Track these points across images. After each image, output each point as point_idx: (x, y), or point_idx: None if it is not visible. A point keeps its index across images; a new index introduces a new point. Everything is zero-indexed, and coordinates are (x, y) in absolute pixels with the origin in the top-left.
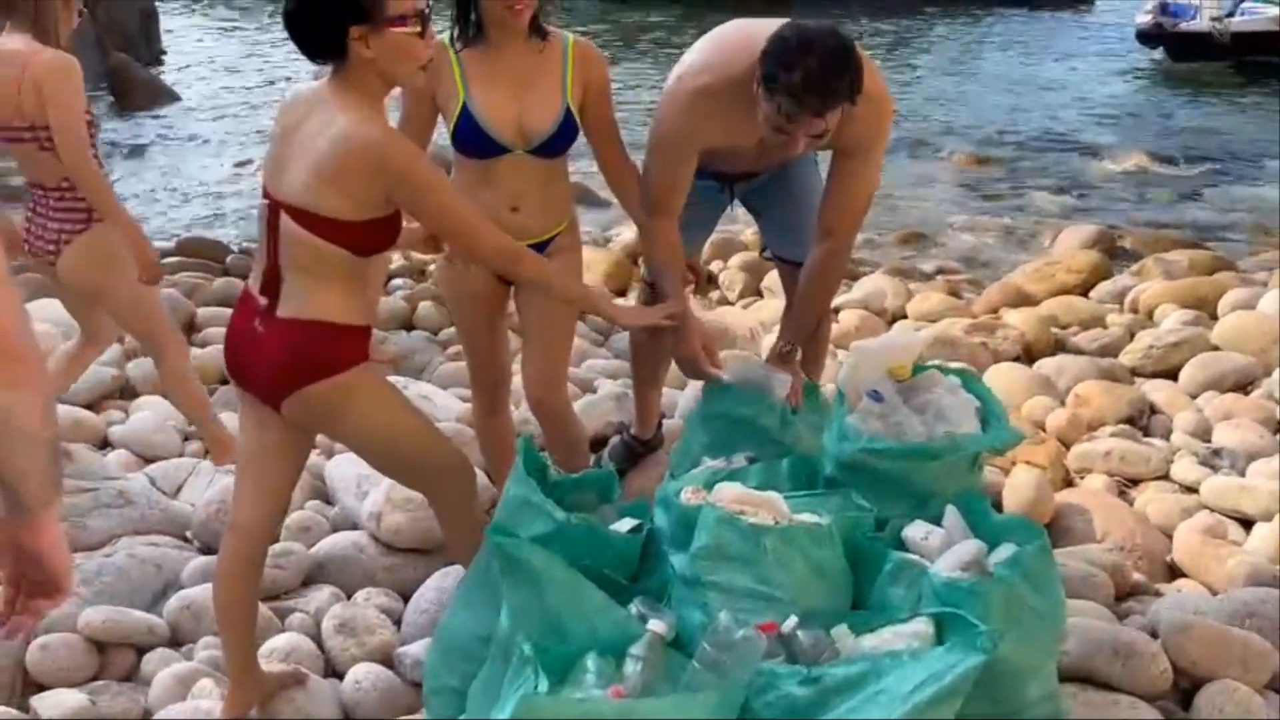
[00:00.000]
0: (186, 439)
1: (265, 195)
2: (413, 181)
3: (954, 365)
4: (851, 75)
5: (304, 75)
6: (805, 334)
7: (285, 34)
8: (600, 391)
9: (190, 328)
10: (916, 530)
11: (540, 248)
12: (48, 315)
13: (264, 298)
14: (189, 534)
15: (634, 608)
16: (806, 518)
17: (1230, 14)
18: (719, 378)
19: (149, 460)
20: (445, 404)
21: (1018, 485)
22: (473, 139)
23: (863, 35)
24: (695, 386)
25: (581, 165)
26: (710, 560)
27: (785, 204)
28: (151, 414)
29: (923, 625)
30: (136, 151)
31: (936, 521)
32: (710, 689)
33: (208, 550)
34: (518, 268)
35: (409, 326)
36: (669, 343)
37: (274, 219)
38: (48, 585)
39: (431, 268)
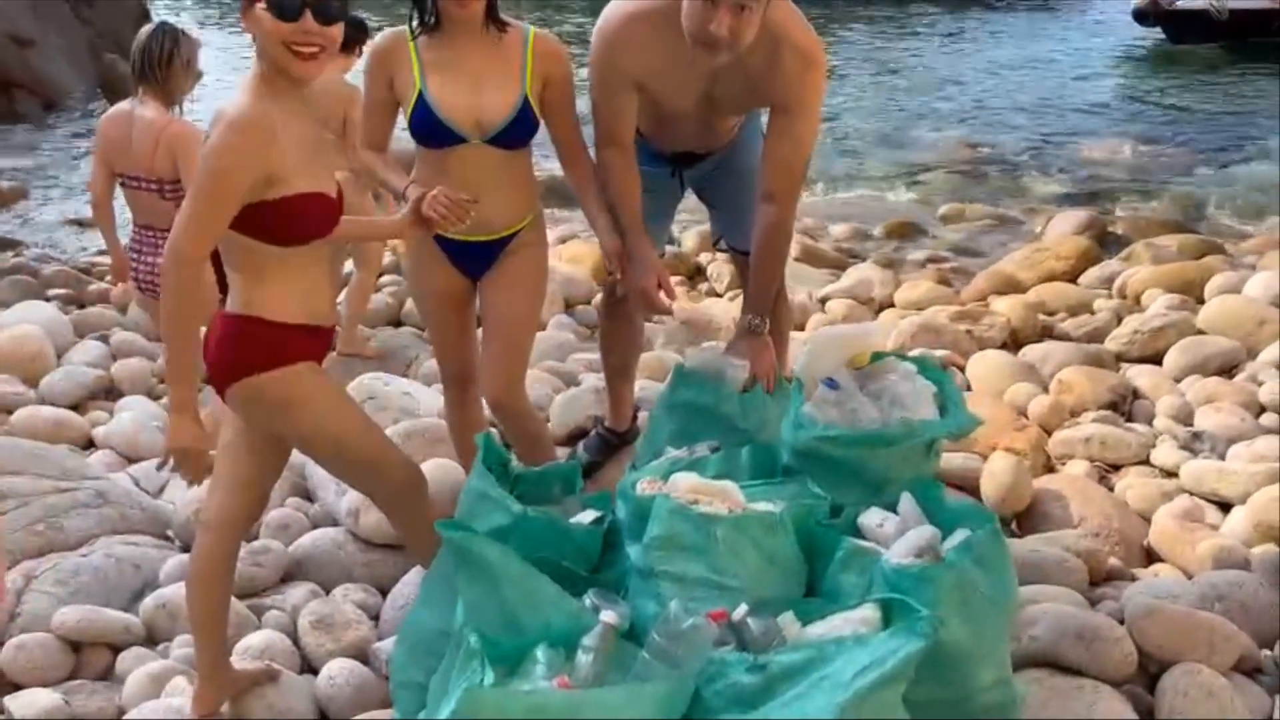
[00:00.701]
0: None
1: None
2: (202, 158)
3: (918, 355)
4: None
5: None
6: (766, 305)
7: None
8: (583, 384)
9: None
10: (872, 517)
11: (504, 243)
12: (35, 318)
13: (221, 294)
14: (170, 533)
15: (588, 599)
16: (761, 506)
17: None
18: (671, 311)
19: (132, 460)
20: (427, 400)
21: (995, 471)
22: (429, 127)
23: (851, 27)
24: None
25: None
26: (663, 550)
27: (734, 195)
28: (135, 414)
29: (870, 611)
30: None
31: (893, 508)
32: (660, 679)
33: (188, 549)
34: (169, 281)
35: (396, 323)
36: (639, 338)
37: None
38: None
39: None
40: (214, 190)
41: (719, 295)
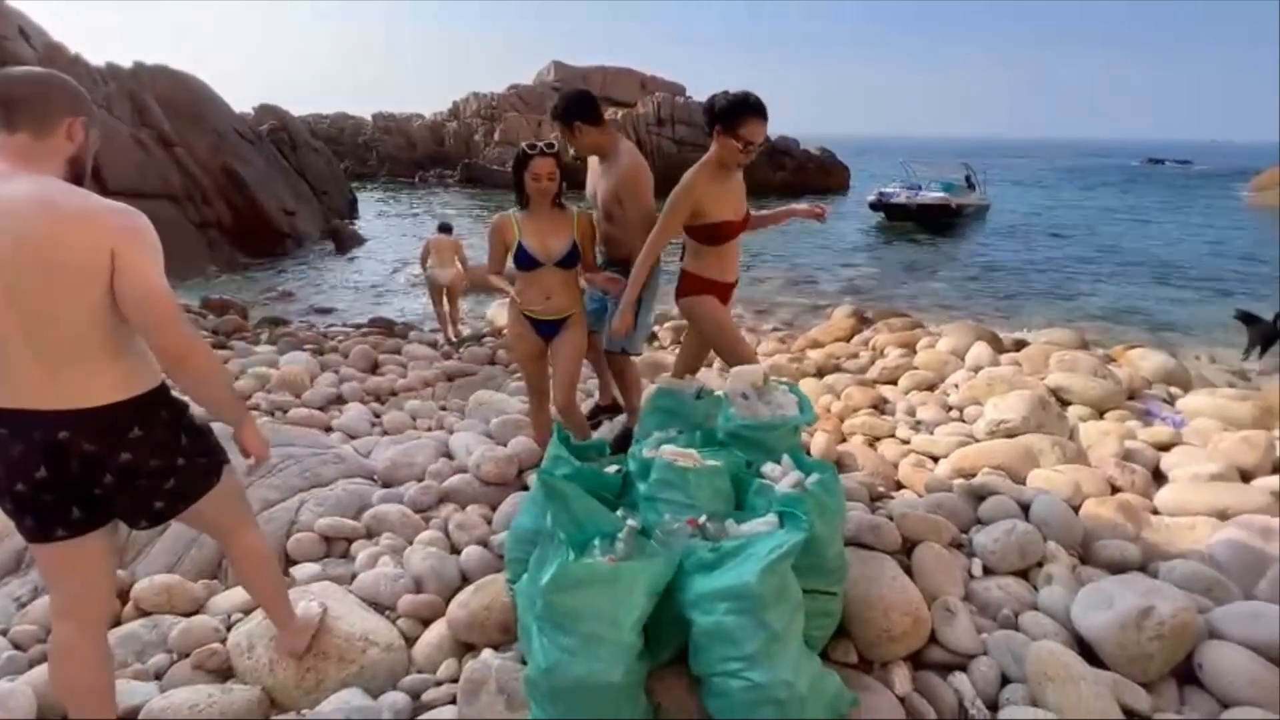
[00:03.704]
0: (373, 425)
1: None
2: (672, 197)
3: (784, 380)
4: (559, 107)
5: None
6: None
7: (414, 208)
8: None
9: (375, 365)
10: (768, 468)
11: (564, 320)
12: (297, 360)
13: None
14: (375, 477)
15: (620, 513)
16: (711, 462)
17: (915, 194)
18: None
19: (353, 437)
20: (513, 404)
21: (818, 442)
22: (525, 258)
23: None
24: (648, 392)
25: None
26: (659, 487)
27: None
28: (355, 413)
29: (773, 518)
30: (342, 273)
31: (778, 462)
32: (660, 556)
33: (386, 485)
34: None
35: (492, 362)
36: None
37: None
38: (256, 454)
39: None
40: (676, 216)
41: (664, 348)
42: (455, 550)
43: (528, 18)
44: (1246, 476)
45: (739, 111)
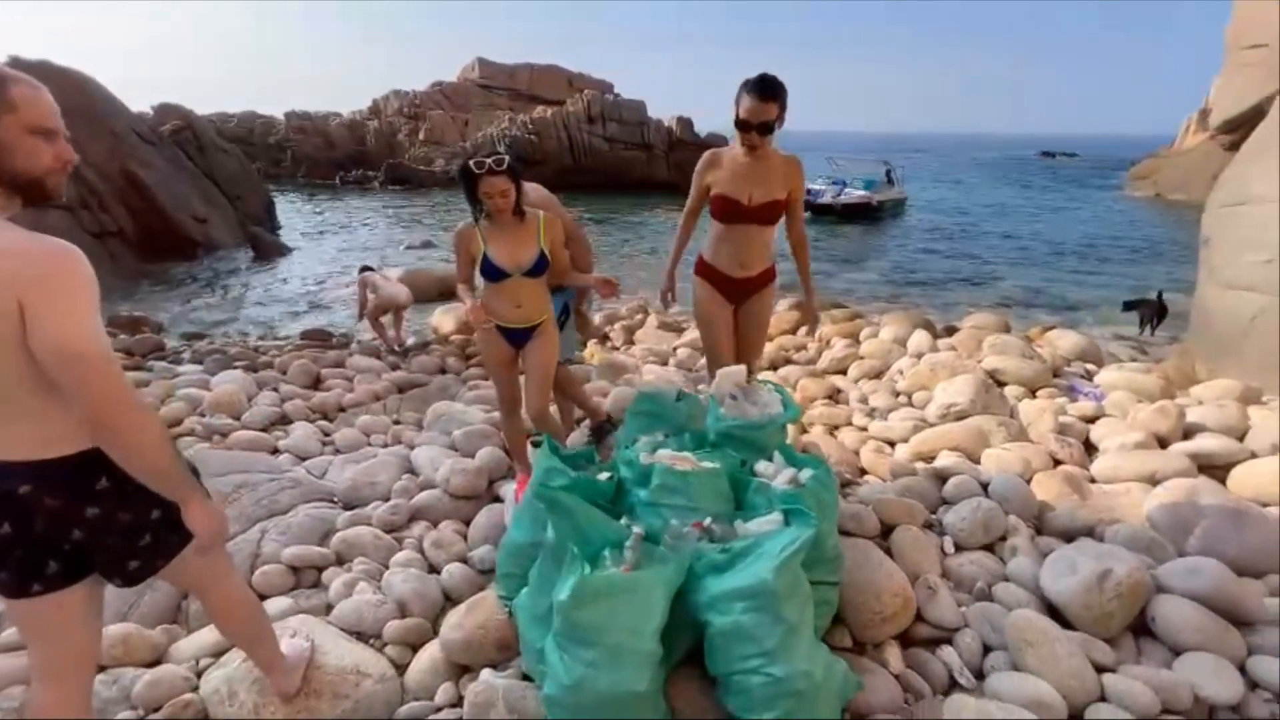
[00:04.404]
0: (324, 444)
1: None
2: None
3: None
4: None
5: (344, 229)
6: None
7: (337, 212)
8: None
9: (317, 380)
10: (762, 466)
11: (534, 328)
12: (231, 379)
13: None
14: (335, 499)
15: (623, 520)
16: (708, 464)
17: (839, 193)
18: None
19: (303, 458)
20: (474, 414)
21: None
22: (492, 270)
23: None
24: (622, 395)
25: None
26: (662, 492)
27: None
28: (303, 432)
29: (777, 515)
30: (266, 283)
31: (770, 459)
32: (671, 562)
33: (349, 507)
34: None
35: (443, 370)
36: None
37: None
38: (210, 539)
39: (457, 335)
40: (693, 185)
41: (618, 349)
42: (434, 570)
43: (453, 15)
44: (1164, 443)
45: (739, 91)
